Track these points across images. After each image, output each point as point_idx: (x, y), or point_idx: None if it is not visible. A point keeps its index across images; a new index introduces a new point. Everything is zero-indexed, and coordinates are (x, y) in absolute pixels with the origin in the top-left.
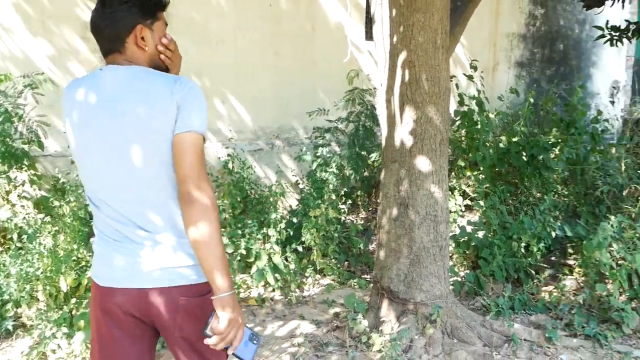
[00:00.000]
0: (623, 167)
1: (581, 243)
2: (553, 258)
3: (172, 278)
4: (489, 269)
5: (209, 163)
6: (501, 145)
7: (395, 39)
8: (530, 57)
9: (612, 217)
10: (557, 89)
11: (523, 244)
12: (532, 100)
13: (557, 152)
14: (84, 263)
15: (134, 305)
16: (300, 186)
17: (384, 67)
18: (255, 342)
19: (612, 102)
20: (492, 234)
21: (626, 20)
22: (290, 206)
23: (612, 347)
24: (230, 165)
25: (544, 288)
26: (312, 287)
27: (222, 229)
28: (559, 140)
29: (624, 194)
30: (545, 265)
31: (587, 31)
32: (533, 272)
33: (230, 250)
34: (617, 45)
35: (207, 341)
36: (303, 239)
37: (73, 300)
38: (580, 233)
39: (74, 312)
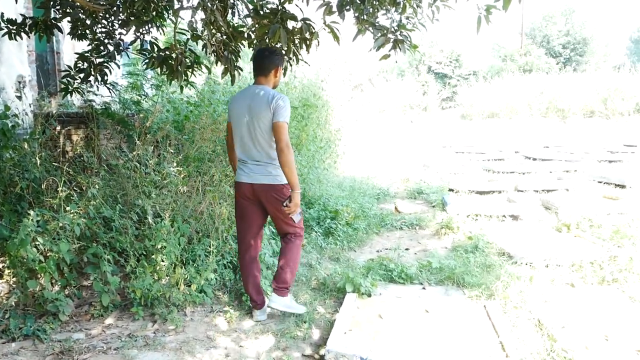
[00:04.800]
0: (39, 161)
1: (6, 244)
2: None
3: (262, 179)
4: None
5: None
6: None
7: None
8: None
9: (32, 212)
10: None
11: None
12: None
13: None
14: None
15: (249, 191)
16: None
17: None
18: (301, 214)
19: (19, 97)
20: None
21: (22, 15)
22: None
23: (52, 339)
24: None
25: None
26: None
27: None
28: None
29: (43, 187)
30: None
31: None
32: None
33: None
34: (16, 39)
35: (284, 209)
36: None
37: None
38: (3, 233)
39: None
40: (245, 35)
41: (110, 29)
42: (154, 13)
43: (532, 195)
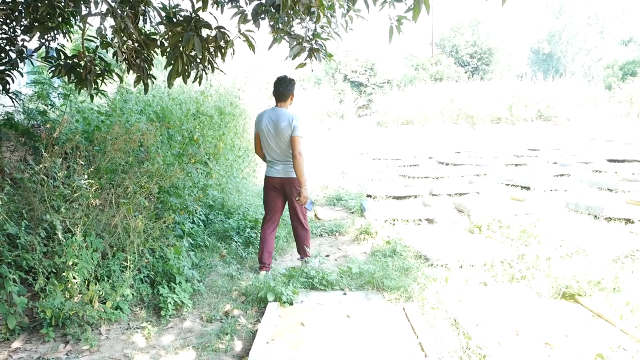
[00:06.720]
0: None
1: None
2: None
3: (289, 174)
4: None
5: None
6: None
7: None
8: None
9: None
10: None
11: None
12: None
13: None
14: None
15: (278, 183)
16: None
17: None
18: (312, 202)
19: None
20: None
21: None
22: None
23: None
24: None
25: None
26: None
27: None
28: None
29: None
30: None
31: None
32: None
33: None
34: None
35: (297, 201)
36: None
37: None
38: None
39: None
40: (158, 42)
41: (12, 35)
42: (60, 19)
43: (446, 199)
